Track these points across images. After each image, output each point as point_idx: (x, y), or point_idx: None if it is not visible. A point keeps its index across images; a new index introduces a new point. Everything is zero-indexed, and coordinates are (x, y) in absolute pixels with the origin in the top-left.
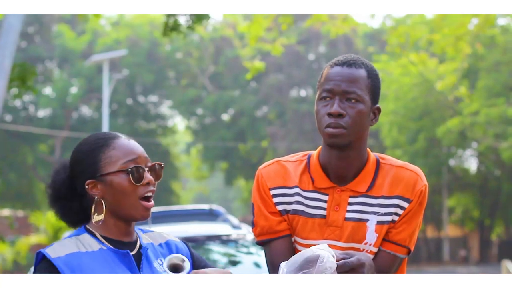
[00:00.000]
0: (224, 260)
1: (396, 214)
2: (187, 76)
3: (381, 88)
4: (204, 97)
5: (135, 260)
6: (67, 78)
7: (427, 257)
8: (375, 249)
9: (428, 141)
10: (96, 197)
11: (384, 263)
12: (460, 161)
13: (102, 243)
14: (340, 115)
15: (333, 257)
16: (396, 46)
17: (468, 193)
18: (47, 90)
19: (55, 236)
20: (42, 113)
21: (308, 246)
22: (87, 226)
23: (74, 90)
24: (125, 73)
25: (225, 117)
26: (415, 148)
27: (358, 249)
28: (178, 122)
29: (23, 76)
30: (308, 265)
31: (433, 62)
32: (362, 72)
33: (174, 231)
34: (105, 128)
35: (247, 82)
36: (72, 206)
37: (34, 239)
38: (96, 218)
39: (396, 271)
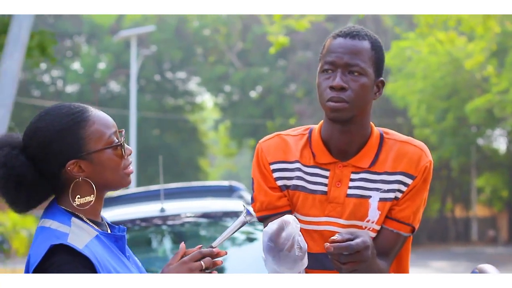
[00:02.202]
0: (242, 237)
1: (399, 190)
2: (214, 53)
3: (410, 67)
4: (231, 74)
5: None
6: (95, 54)
7: (455, 237)
8: (377, 227)
9: (456, 120)
10: (79, 178)
11: (387, 242)
12: (489, 141)
13: (93, 227)
14: (342, 89)
15: (296, 222)
16: (425, 25)
17: (497, 173)
18: (75, 66)
19: None
20: (70, 88)
21: (309, 223)
22: (67, 208)
23: (102, 65)
24: (153, 49)
25: (253, 94)
26: (444, 127)
27: (360, 227)
28: (206, 99)
29: (42, 44)
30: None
31: (461, 41)
32: (365, 44)
33: (191, 207)
34: (133, 104)
35: (275, 59)
36: (37, 192)
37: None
38: (81, 200)
39: (399, 250)
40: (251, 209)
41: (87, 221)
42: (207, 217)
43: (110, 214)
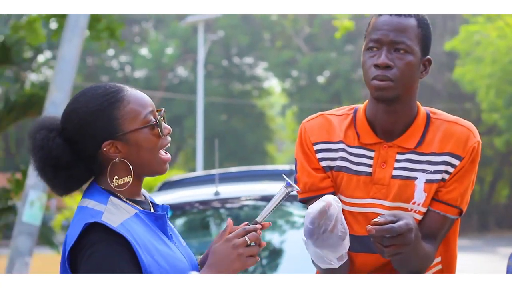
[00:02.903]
0: (301, 220)
1: (447, 172)
2: (282, 38)
3: (478, 51)
4: (299, 58)
5: None
6: (163, 39)
7: None
8: (423, 209)
9: None
10: (116, 159)
11: (434, 225)
12: None
13: (133, 206)
14: (387, 67)
15: (337, 202)
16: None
17: None
18: (143, 51)
19: None
20: (138, 73)
21: (353, 205)
22: (106, 189)
23: (169, 51)
24: (220, 35)
25: (321, 79)
26: None
27: (405, 209)
28: (274, 84)
29: (110, 27)
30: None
31: None
32: (412, 21)
33: (249, 190)
34: (200, 89)
35: (342, 44)
36: (74, 174)
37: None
38: (119, 181)
39: (446, 233)
40: (291, 181)
41: (126, 200)
42: (265, 200)
43: (168, 197)
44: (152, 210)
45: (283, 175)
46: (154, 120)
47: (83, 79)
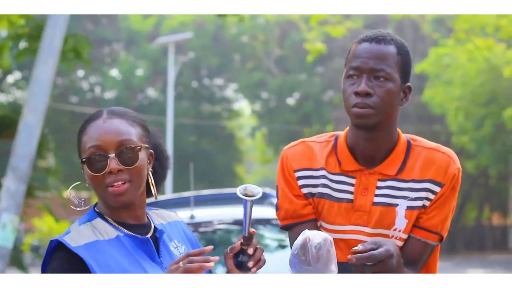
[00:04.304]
0: (273, 244)
1: (427, 198)
2: (252, 59)
3: (448, 74)
4: (269, 80)
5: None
6: (133, 60)
7: (493, 245)
8: (404, 236)
9: (494, 128)
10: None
11: (415, 251)
12: None
13: (118, 229)
14: (367, 94)
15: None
16: (462, 31)
17: None
18: (113, 72)
19: None
20: (108, 94)
21: (335, 231)
22: (96, 209)
23: (139, 72)
24: (191, 56)
25: (290, 101)
26: (481, 134)
27: (386, 236)
28: (244, 106)
29: (76, 47)
30: (304, 251)
31: (500, 48)
32: (391, 49)
33: (224, 214)
34: (170, 110)
35: (313, 66)
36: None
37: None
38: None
39: (427, 259)
40: (242, 189)
41: (112, 222)
42: (238, 224)
43: None
44: (149, 235)
45: (237, 191)
46: (92, 155)
47: (52, 99)
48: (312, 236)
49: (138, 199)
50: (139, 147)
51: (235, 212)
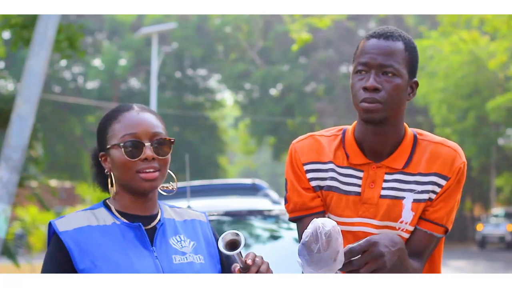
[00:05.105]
0: (265, 234)
1: (433, 192)
2: (236, 51)
3: (431, 66)
4: (252, 71)
5: (150, 234)
6: (116, 50)
7: (474, 235)
8: (411, 228)
9: (477, 120)
10: (106, 170)
11: (421, 243)
12: (509, 140)
13: (116, 217)
14: (376, 90)
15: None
16: (448, 24)
17: None
18: (96, 62)
19: None
20: (90, 84)
21: (342, 224)
22: (106, 200)
23: (123, 62)
24: (174, 46)
25: (274, 92)
26: (464, 126)
27: (393, 228)
28: (227, 97)
29: (70, 37)
30: (315, 238)
31: (484, 40)
32: (399, 45)
33: (215, 205)
34: (153, 101)
35: (296, 57)
36: (101, 181)
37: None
38: (111, 190)
39: (432, 250)
40: (223, 242)
41: (114, 211)
42: (231, 216)
43: None
44: (151, 225)
45: (219, 246)
46: (128, 141)
47: None
48: (322, 224)
49: None
50: (172, 141)
51: (227, 203)
